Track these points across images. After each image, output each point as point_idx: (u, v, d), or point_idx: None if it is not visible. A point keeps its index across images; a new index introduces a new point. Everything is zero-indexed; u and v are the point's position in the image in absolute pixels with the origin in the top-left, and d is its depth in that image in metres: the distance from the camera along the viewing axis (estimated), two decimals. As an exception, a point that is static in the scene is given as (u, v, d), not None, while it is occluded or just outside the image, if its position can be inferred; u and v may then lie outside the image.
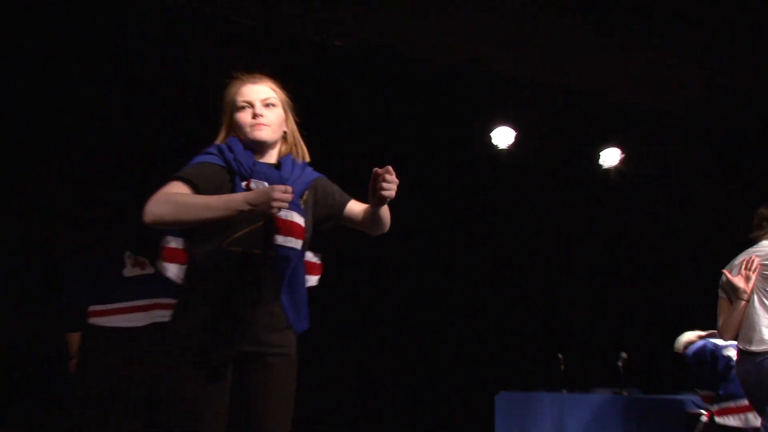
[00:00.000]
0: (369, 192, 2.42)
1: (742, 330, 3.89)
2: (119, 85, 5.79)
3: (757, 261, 3.76)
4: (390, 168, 2.34)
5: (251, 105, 2.51)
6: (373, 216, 2.52)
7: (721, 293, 3.93)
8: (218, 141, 2.58)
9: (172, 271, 2.80)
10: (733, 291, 3.82)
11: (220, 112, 2.61)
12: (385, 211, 2.53)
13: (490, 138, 6.86)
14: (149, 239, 3.83)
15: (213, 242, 2.42)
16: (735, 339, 3.91)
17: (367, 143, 6.36)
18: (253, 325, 2.46)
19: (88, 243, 5.51)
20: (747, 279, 3.81)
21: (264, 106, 2.52)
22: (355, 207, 2.63)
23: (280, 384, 2.51)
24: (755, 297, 3.79)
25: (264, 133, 2.50)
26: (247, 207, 2.27)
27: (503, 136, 6.69)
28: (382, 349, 6.96)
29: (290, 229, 2.45)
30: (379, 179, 2.37)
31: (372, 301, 6.91)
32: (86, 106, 5.81)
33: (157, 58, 5.75)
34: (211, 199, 2.34)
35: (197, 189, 2.37)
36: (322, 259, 2.94)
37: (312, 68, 6.00)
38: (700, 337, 4.84)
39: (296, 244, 2.45)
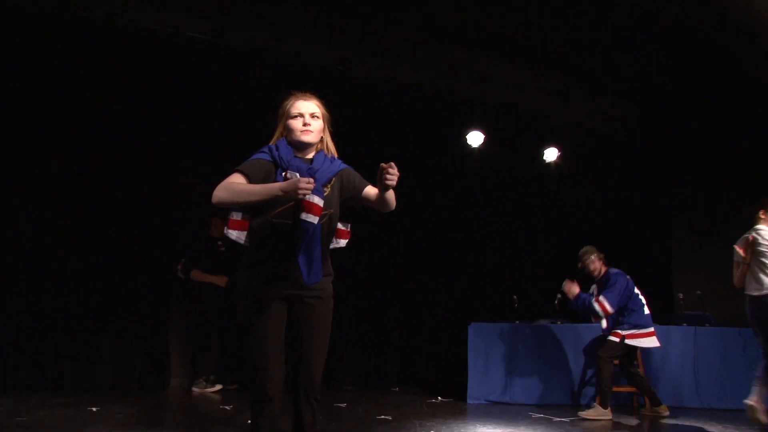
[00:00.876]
0: (377, 181, 2.87)
1: (747, 282, 5.22)
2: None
3: (751, 238, 5.14)
4: (393, 164, 2.79)
5: (302, 115, 3.01)
6: (381, 198, 2.96)
7: (735, 258, 5.30)
8: (273, 140, 3.06)
9: (234, 235, 3.11)
10: (739, 257, 5.22)
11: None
12: (390, 195, 2.97)
13: (466, 139, 7.95)
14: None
15: (263, 216, 2.92)
16: (742, 288, 5.25)
17: (374, 146, 6.70)
18: (291, 274, 2.91)
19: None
20: (746, 250, 5.16)
21: (311, 117, 3.02)
22: (371, 191, 3.04)
23: (316, 317, 2.99)
24: (753, 261, 5.13)
25: (309, 137, 3.01)
26: (280, 193, 2.80)
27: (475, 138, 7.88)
28: (379, 291, 7.67)
29: (311, 208, 2.87)
30: (384, 172, 2.80)
31: (375, 252, 7.64)
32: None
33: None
34: (256, 187, 2.86)
35: (250, 179, 2.89)
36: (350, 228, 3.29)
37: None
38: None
39: (314, 219, 2.88)
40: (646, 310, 6.12)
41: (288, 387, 2.97)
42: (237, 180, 2.89)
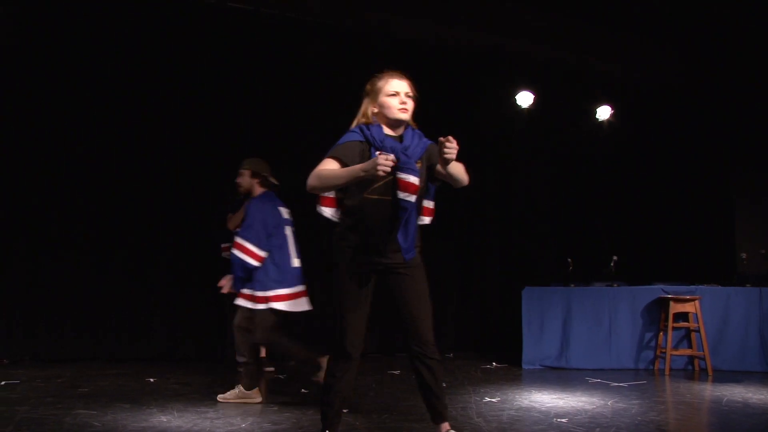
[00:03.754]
0: (438, 155, 2.94)
1: None
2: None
3: None
4: (450, 137, 2.85)
5: (398, 94, 3.09)
6: (447, 174, 3.03)
7: None
8: (360, 119, 3.14)
9: (327, 212, 3.23)
10: None
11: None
12: (456, 169, 3.04)
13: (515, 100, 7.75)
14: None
15: (359, 193, 3.05)
16: None
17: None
18: (387, 247, 3.07)
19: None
20: None
21: (406, 96, 3.11)
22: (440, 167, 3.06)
23: (412, 286, 3.13)
24: None
25: (405, 116, 3.09)
26: (363, 173, 2.86)
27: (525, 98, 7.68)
28: (432, 257, 8.00)
29: (407, 187, 3.00)
30: (442, 146, 2.87)
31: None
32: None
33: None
34: (341, 170, 2.97)
35: (343, 162, 3.00)
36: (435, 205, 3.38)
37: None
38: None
39: (411, 198, 3.00)
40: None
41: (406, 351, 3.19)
42: (328, 166, 3.00)
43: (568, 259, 7.08)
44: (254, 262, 4.48)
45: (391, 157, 2.82)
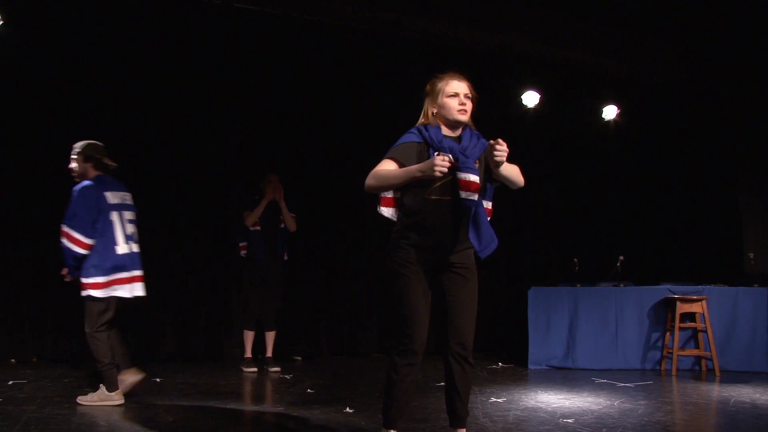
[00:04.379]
0: (489, 158, 2.99)
1: None
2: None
3: None
4: (500, 140, 2.91)
5: (458, 95, 3.11)
6: (500, 176, 3.09)
7: None
8: (421, 119, 3.18)
9: (387, 212, 3.24)
10: None
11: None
12: (510, 171, 3.11)
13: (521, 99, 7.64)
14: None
15: (419, 194, 3.07)
16: None
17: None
18: (442, 246, 3.09)
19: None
20: None
21: (465, 98, 3.14)
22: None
23: (464, 285, 3.16)
24: None
25: (464, 117, 3.12)
26: (419, 174, 2.93)
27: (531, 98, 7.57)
28: None
29: (468, 186, 3.01)
30: (491, 149, 2.94)
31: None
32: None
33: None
34: (398, 171, 3.01)
35: (401, 163, 3.05)
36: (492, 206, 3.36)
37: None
38: None
39: (473, 196, 3.02)
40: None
41: (440, 350, 3.17)
42: (387, 166, 3.06)
43: (574, 259, 7.06)
44: (81, 251, 4.36)
45: (448, 157, 2.86)
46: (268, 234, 6.19)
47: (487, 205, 3.30)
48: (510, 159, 3.09)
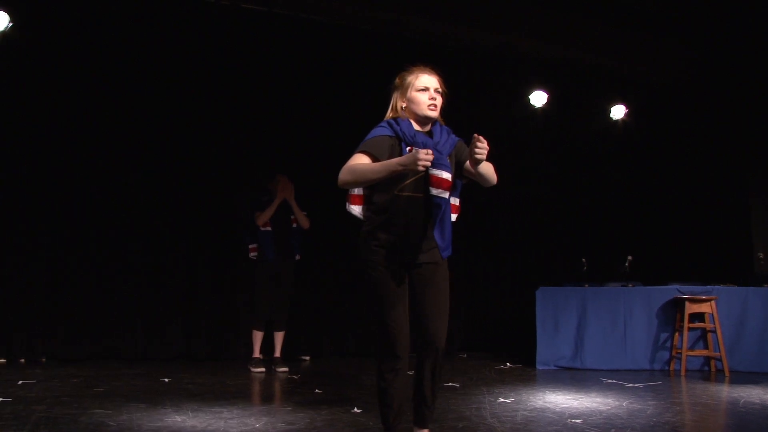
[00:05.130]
0: (468, 154, 2.89)
1: None
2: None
3: None
4: (480, 137, 2.79)
5: (428, 89, 3.04)
6: (476, 173, 2.97)
7: None
8: (390, 113, 3.12)
9: (356, 210, 3.18)
10: None
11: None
12: (485, 169, 2.98)
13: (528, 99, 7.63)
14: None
15: (389, 190, 3.00)
16: None
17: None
18: (417, 244, 3.03)
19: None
20: None
21: (435, 92, 3.07)
22: (469, 165, 3.01)
23: (437, 282, 3.10)
24: None
25: (434, 113, 3.07)
26: (400, 168, 2.81)
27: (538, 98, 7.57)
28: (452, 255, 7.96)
29: (440, 183, 2.96)
30: (472, 145, 2.83)
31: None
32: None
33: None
34: (376, 165, 2.89)
35: (375, 157, 2.94)
36: (460, 203, 3.31)
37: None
38: None
39: (444, 194, 2.97)
40: None
41: (413, 349, 3.11)
42: (360, 161, 2.94)
43: (582, 259, 7.02)
44: None
45: (431, 152, 2.77)
46: (280, 234, 6.17)
47: (455, 201, 3.24)
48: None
